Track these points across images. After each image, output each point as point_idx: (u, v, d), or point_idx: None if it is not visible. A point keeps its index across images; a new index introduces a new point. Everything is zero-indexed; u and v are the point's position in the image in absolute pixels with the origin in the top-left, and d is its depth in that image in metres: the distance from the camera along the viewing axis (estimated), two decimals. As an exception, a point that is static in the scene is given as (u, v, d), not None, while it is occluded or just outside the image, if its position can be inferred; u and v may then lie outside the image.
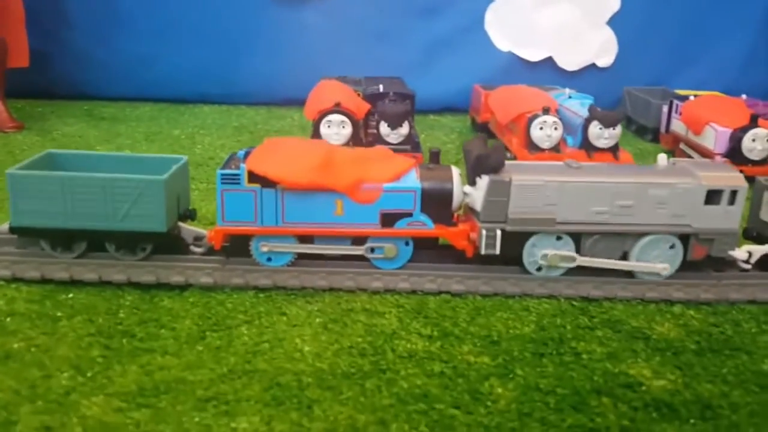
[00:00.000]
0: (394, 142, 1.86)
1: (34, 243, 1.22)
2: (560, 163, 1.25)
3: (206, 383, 0.92)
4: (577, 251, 1.21)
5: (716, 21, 2.74)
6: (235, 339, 1.03)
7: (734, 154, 1.90)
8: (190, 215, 1.29)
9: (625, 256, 1.22)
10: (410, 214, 1.19)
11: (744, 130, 1.92)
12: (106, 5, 2.65)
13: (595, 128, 1.88)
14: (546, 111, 1.91)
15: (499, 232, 1.18)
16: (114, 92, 2.74)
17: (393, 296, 1.19)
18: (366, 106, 2.00)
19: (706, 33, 2.76)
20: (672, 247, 1.21)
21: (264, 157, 1.18)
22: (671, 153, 2.11)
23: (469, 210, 1.25)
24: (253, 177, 1.16)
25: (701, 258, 1.23)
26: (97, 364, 0.95)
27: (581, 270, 1.22)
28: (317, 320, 1.09)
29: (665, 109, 2.29)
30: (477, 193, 1.20)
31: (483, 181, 1.19)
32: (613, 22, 2.73)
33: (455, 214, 1.25)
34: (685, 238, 1.22)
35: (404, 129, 1.88)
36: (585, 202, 1.18)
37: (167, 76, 2.72)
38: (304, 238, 1.20)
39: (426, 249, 1.25)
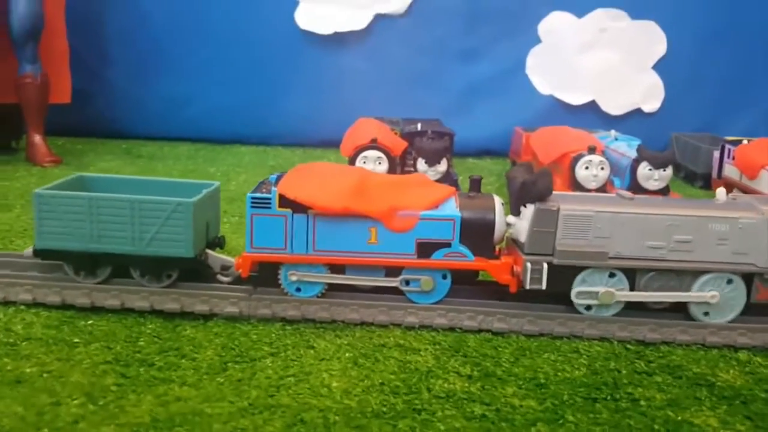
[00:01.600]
0: (432, 179, 1.80)
1: (59, 268, 1.17)
2: (612, 194, 1.17)
3: (225, 417, 0.84)
4: (631, 290, 1.12)
5: (766, 66, 2.66)
6: (259, 372, 0.95)
7: (793, 199, 1.79)
8: (218, 243, 1.23)
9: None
10: (449, 245, 1.12)
11: (803, 173, 1.81)
12: (147, 46, 2.70)
13: (644, 169, 1.80)
14: (592, 150, 1.83)
15: (545, 266, 1.09)
16: (153, 131, 2.75)
17: (429, 332, 1.11)
18: (403, 144, 1.96)
19: (755, 79, 2.67)
20: (733, 286, 1.11)
21: (296, 181, 1.13)
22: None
23: (512, 242, 1.17)
24: (284, 201, 1.10)
25: (767, 301, 1.13)
26: (110, 392, 0.88)
27: (636, 311, 1.12)
28: (347, 355, 1.02)
29: (716, 154, 2.20)
30: (521, 223, 1.12)
31: (528, 210, 1.11)
32: (659, 67, 2.66)
33: (497, 247, 1.17)
34: (748, 278, 1.11)
35: (442, 166, 1.82)
36: (639, 235, 1.09)
37: (205, 116, 2.73)
38: (336, 268, 1.14)
39: (464, 284, 1.17)
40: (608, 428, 0.86)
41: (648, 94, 2.67)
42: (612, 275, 1.11)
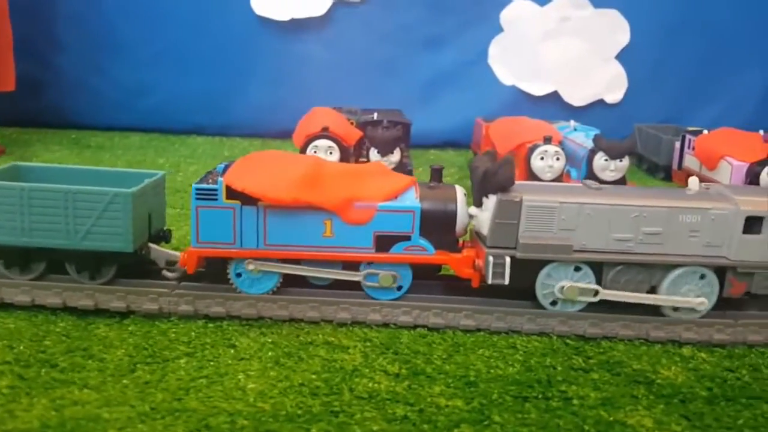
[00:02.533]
0: (384, 170, 1.74)
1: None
2: (578, 184, 1.12)
3: (122, 422, 0.78)
4: (598, 284, 1.06)
5: (731, 56, 2.62)
6: (170, 373, 0.89)
7: (751, 190, 1.76)
8: (164, 236, 1.16)
9: (652, 292, 1.07)
10: (408, 238, 1.06)
11: (762, 164, 1.78)
12: (100, 33, 2.60)
13: (600, 160, 1.76)
14: (548, 140, 1.78)
15: (508, 260, 1.03)
16: (106, 122, 2.66)
17: (361, 329, 1.05)
18: (358, 134, 1.90)
19: (720, 69, 2.63)
20: (705, 280, 1.06)
21: (245, 171, 1.05)
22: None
23: (475, 235, 1.11)
24: (231, 193, 1.03)
25: (739, 295, 1.08)
26: (1, 395, 0.82)
27: (604, 306, 1.06)
28: (269, 354, 0.96)
29: (677, 144, 2.17)
30: (484, 215, 1.06)
31: (490, 200, 1.05)
32: (622, 57, 2.62)
33: (459, 240, 1.11)
34: (721, 272, 1.06)
35: (395, 156, 1.77)
36: (606, 227, 1.04)
37: (161, 107, 2.64)
38: (289, 263, 1.06)
39: (426, 278, 1.11)
40: (536, 429, 0.81)
41: (611, 84, 2.62)
42: (578, 269, 1.06)
